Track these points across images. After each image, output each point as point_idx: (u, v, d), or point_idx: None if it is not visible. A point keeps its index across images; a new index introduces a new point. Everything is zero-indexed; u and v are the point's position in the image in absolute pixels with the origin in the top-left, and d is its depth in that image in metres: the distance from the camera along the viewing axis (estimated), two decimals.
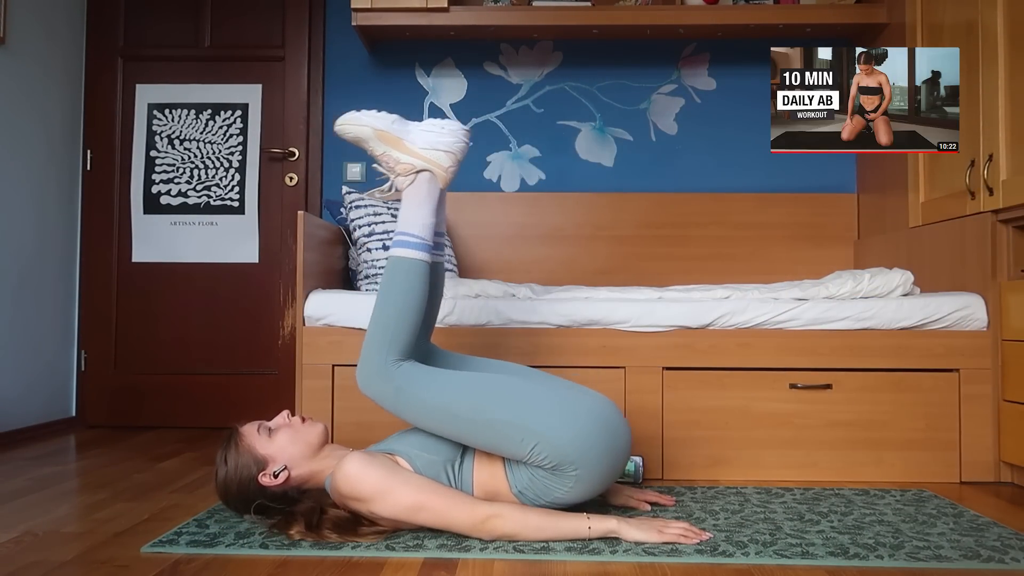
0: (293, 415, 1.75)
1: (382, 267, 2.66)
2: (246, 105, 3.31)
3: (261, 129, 3.31)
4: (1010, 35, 2.16)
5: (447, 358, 1.88)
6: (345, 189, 2.82)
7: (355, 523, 1.61)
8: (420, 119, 3.23)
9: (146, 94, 3.33)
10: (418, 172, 1.79)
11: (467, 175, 3.26)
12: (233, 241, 3.28)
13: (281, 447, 1.65)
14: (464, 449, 1.69)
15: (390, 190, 1.82)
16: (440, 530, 1.62)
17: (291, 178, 3.30)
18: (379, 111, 1.82)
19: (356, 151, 3.27)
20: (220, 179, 3.29)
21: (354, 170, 3.28)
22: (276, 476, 1.62)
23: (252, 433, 1.67)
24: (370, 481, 1.56)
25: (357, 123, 1.80)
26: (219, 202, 3.29)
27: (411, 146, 1.78)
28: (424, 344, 1.86)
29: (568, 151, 3.26)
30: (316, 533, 1.59)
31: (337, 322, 2.28)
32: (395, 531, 1.64)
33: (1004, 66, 2.17)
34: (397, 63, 3.29)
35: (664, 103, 3.26)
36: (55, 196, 3.16)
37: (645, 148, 3.25)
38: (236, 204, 3.29)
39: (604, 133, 3.26)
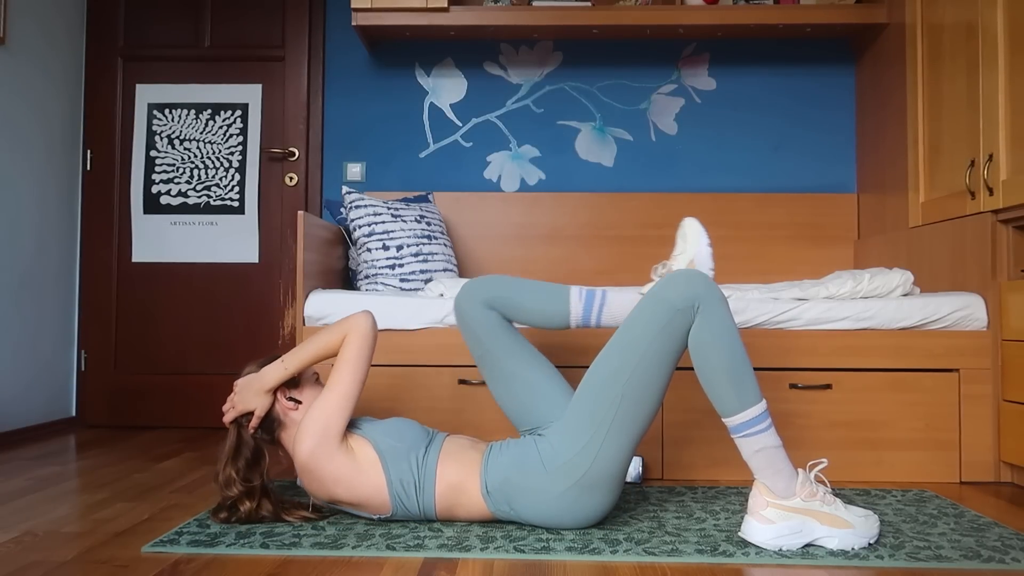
0: None
1: (382, 267, 2.66)
2: (246, 105, 3.31)
3: (261, 129, 3.31)
4: (1010, 35, 2.16)
5: None
6: (345, 189, 2.82)
7: (286, 509, 1.72)
8: (420, 119, 3.29)
9: (146, 94, 3.33)
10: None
11: (467, 175, 3.27)
12: (233, 241, 3.28)
13: (314, 395, 1.78)
14: (430, 441, 1.73)
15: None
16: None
17: (291, 178, 3.30)
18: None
19: (356, 151, 3.31)
20: (220, 179, 3.29)
21: (354, 170, 3.28)
22: (290, 400, 1.75)
23: (309, 368, 1.81)
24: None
25: (697, 243, 1.83)
26: (219, 202, 3.29)
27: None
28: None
29: (568, 151, 3.26)
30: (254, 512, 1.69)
31: None
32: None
33: (1004, 66, 2.17)
34: (397, 63, 3.29)
35: (664, 103, 3.26)
36: (55, 196, 3.16)
37: (645, 148, 3.25)
38: (236, 204, 3.29)
39: (604, 133, 3.26)
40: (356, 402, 1.70)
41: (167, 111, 3.32)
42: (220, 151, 3.30)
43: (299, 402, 1.75)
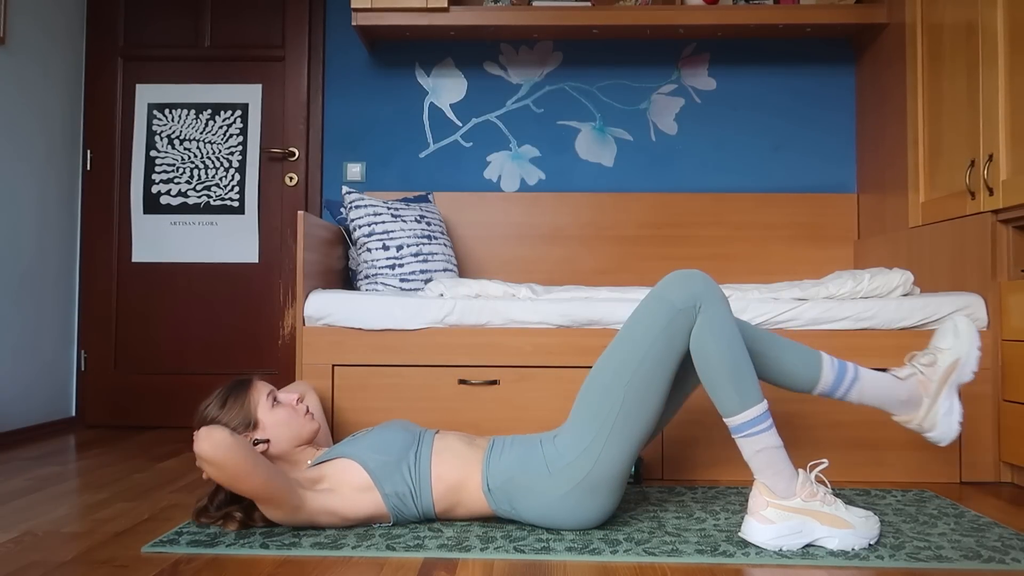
0: (302, 401, 1.80)
1: (382, 267, 2.66)
2: (246, 105, 3.31)
3: (261, 129, 3.31)
4: (1010, 35, 2.16)
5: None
6: (345, 189, 2.82)
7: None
8: (420, 119, 3.29)
9: (146, 94, 3.33)
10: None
11: (467, 175, 3.27)
12: (233, 241, 3.28)
13: (276, 422, 1.71)
14: (419, 445, 1.71)
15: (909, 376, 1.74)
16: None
17: (291, 178, 3.30)
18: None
19: (356, 151, 3.30)
20: (220, 179, 3.29)
21: (354, 170, 3.28)
22: (256, 444, 1.67)
23: (261, 394, 1.73)
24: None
25: (970, 344, 1.72)
26: (219, 202, 3.29)
27: (943, 394, 1.72)
28: None
29: (568, 151, 3.26)
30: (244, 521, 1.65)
31: (337, 322, 2.28)
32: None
33: (1004, 66, 2.17)
34: (397, 63, 3.29)
35: (664, 103, 3.26)
36: (55, 196, 3.16)
37: (645, 148, 3.25)
38: (236, 204, 3.29)
39: (604, 133, 3.26)
40: (280, 482, 1.55)
41: (167, 111, 3.32)
42: (220, 151, 3.30)
43: (267, 440, 1.69)
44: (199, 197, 3.29)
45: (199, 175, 3.30)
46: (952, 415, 1.71)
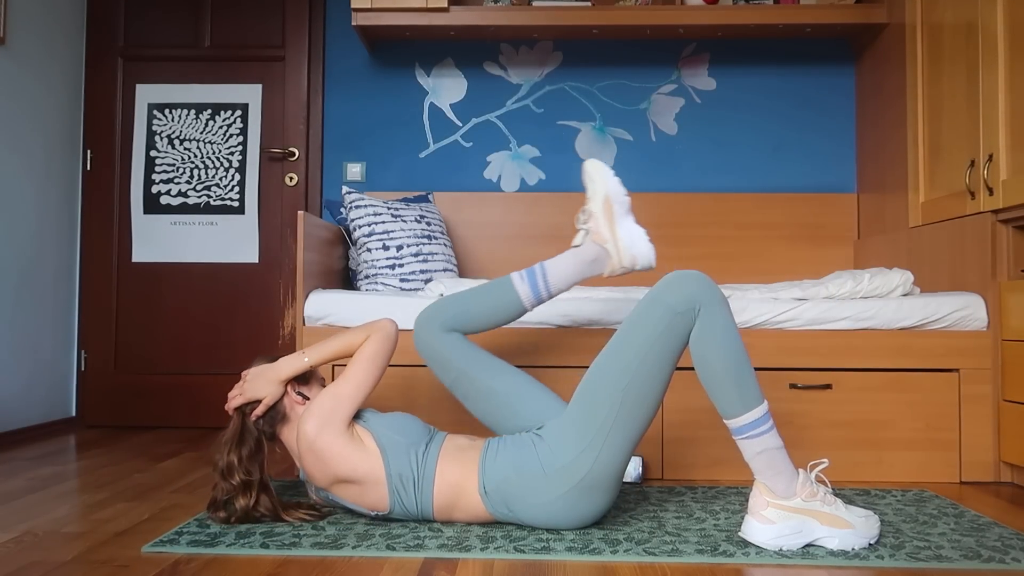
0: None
1: (382, 267, 2.66)
2: (246, 105, 3.31)
3: (261, 129, 3.31)
4: (1010, 35, 2.16)
5: None
6: (345, 189, 2.82)
7: (285, 509, 1.71)
8: (420, 119, 3.29)
9: (146, 94, 3.33)
10: (603, 247, 1.85)
11: (467, 175, 3.27)
12: (233, 241, 3.28)
13: (318, 390, 1.80)
14: (431, 438, 1.73)
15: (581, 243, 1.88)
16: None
17: (291, 178, 3.30)
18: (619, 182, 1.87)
19: (356, 151, 3.31)
20: (220, 179, 3.29)
21: (354, 170, 3.28)
22: (299, 394, 1.76)
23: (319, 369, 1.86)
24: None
25: (604, 179, 1.85)
26: (219, 202, 3.29)
27: (618, 230, 1.83)
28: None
29: (568, 151, 3.26)
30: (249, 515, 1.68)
31: (337, 322, 2.28)
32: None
33: (1004, 66, 2.17)
34: (397, 63, 3.29)
35: (664, 103, 3.26)
36: (55, 196, 3.16)
37: (645, 148, 3.25)
38: (236, 204, 3.29)
39: (604, 133, 3.26)
40: (366, 397, 1.72)
41: (167, 111, 3.32)
42: (220, 151, 3.30)
43: (307, 398, 1.76)
44: (199, 197, 3.29)
45: (199, 175, 3.30)
46: (636, 239, 1.83)
